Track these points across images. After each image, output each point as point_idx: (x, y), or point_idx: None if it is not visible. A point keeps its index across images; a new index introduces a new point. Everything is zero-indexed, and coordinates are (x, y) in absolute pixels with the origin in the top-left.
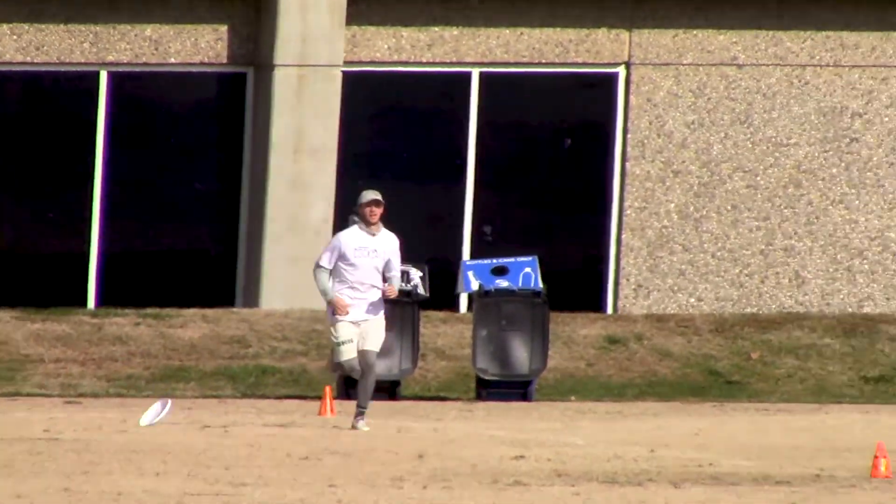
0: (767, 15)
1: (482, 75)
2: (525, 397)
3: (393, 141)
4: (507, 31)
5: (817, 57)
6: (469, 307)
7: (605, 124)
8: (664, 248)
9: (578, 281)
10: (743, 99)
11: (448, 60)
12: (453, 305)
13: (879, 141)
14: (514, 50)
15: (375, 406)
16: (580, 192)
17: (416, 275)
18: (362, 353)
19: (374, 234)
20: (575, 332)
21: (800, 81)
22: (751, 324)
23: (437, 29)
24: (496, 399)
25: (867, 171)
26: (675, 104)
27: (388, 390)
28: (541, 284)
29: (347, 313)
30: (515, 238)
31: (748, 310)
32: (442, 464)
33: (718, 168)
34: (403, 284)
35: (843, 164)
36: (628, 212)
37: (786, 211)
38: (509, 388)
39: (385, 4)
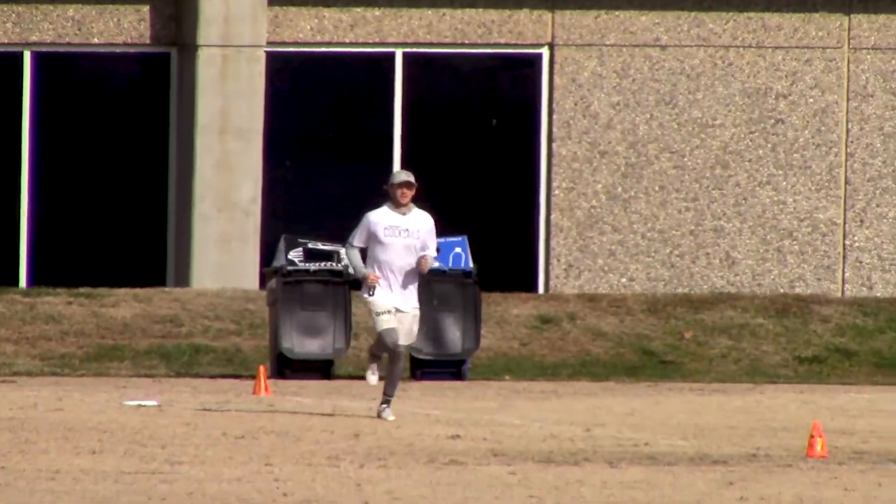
0: None
1: (406, 55)
2: (459, 377)
3: (319, 121)
4: (430, 12)
5: (740, 38)
6: None
7: (531, 105)
8: (594, 228)
9: (509, 261)
10: (667, 80)
11: (371, 41)
12: None
13: (805, 122)
14: (437, 30)
15: (308, 385)
16: (508, 172)
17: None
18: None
19: (404, 214)
20: (507, 312)
21: (723, 62)
22: (683, 304)
23: (358, 10)
24: (430, 378)
25: (793, 152)
26: (600, 85)
27: (322, 370)
28: (471, 264)
29: (378, 285)
30: (444, 218)
31: (680, 290)
32: (378, 443)
33: (645, 149)
34: (333, 264)
35: (769, 146)
36: (556, 192)
37: (714, 192)
38: (443, 367)
39: None
